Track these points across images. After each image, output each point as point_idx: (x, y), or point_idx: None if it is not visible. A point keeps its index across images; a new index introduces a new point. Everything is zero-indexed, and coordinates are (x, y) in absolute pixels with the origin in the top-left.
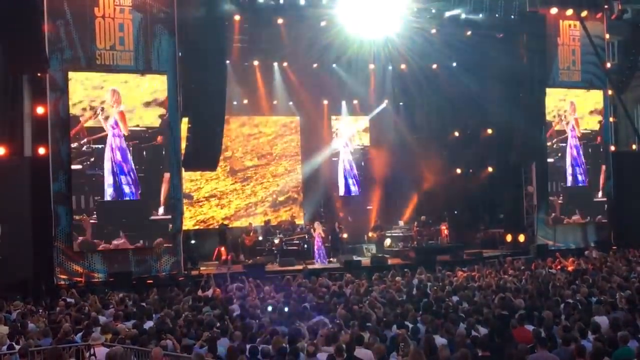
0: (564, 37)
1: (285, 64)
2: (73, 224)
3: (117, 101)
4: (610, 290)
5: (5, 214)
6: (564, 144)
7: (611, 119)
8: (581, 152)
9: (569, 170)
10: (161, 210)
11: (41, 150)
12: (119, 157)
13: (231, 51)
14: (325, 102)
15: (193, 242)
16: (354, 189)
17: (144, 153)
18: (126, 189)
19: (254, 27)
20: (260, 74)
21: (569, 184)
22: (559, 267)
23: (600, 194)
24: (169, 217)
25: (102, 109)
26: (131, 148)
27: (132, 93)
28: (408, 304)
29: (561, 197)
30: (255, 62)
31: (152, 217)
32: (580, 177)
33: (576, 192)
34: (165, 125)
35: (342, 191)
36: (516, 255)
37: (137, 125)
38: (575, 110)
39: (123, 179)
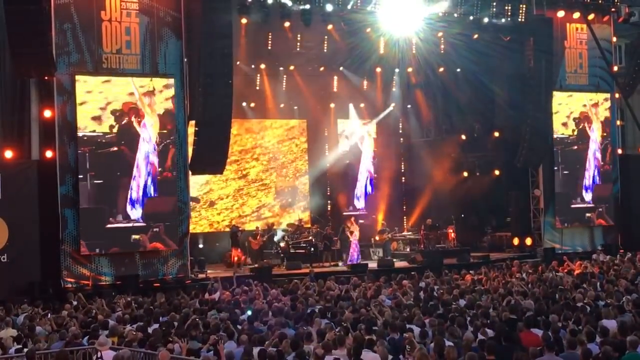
0: (571, 40)
1: (291, 67)
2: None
3: (149, 105)
4: (616, 294)
5: (13, 217)
6: (575, 147)
7: (618, 122)
8: (597, 155)
9: (589, 173)
10: (119, 217)
11: (48, 154)
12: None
13: (238, 54)
14: (332, 105)
15: (201, 246)
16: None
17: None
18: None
19: (261, 31)
20: (267, 77)
21: (586, 186)
22: (566, 270)
23: (607, 197)
24: (128, 224)
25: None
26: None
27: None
28: (415, 308)
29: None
30: (262, 66)
31: (109, 225)
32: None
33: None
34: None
35: (360, 192)
36: (523, 259)
37: (94, 131)
38: (597, 113)
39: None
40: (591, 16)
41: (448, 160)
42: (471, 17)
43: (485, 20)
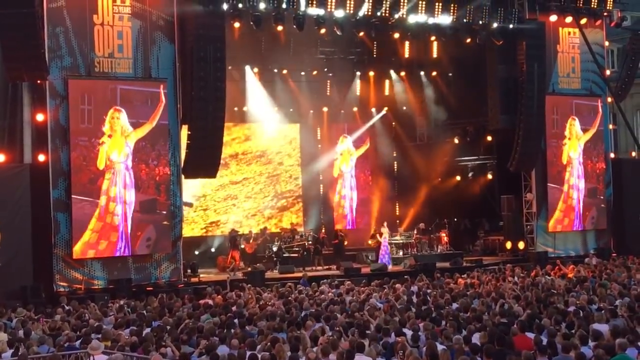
0: (563, 44)
1: (285, 71)
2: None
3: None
4: (609, 298)
5: (5, 221)
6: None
7: (610, 127)
8: (580, 160)
9: (574, 178)
10: None
11: (41, 157)
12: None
13: (230, 58)
14: (325, 109)
15: (197, 252)
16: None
17: None
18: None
19: (254, 34)
20: (260, 81)
21: (573, 189)
22: (558, 274)
23: (600, 201)
24: None
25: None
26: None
27: None
28: (408, 312)
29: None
30: (255, 70)
31: None
32: (581, 184)
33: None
34: None
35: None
36: (516, 263)
37: None
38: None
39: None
40: (583, 20)
41: (441, 164)
42: (464, 21)
43: (479, 24)
